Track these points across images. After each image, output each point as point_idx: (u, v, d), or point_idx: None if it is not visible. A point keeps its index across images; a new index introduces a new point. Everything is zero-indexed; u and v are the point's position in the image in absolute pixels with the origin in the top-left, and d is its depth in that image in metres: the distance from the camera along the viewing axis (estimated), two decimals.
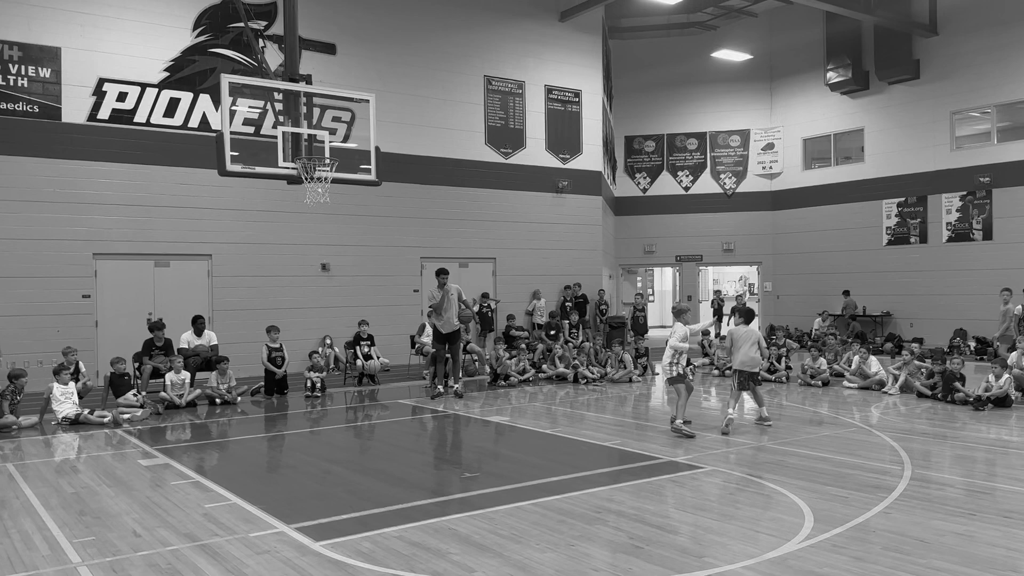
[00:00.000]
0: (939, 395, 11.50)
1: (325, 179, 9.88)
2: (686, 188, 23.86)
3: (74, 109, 13.56)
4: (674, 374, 9.48)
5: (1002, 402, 10.79)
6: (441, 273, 13.05)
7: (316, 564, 5.07)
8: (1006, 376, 10.87)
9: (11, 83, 13.04)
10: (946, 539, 5.38)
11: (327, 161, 9.93)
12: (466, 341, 15.56)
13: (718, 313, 22.53)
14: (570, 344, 16.19)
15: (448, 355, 13.11)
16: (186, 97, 14.45)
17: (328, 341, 15.21)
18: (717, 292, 24.44)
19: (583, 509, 6.23)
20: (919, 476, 7.14)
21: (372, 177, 10.86)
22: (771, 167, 23.51)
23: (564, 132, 19.30)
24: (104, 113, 13.79)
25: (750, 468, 7.54)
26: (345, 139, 15.58)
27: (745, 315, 10.36)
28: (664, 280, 29.66)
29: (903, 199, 20.48)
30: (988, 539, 5.38)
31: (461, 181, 17.62)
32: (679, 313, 9.89)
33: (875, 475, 7.20)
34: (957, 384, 11.25)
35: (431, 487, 7.29)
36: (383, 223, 16.54)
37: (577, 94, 19.52)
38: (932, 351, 13.29)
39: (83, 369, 11.92)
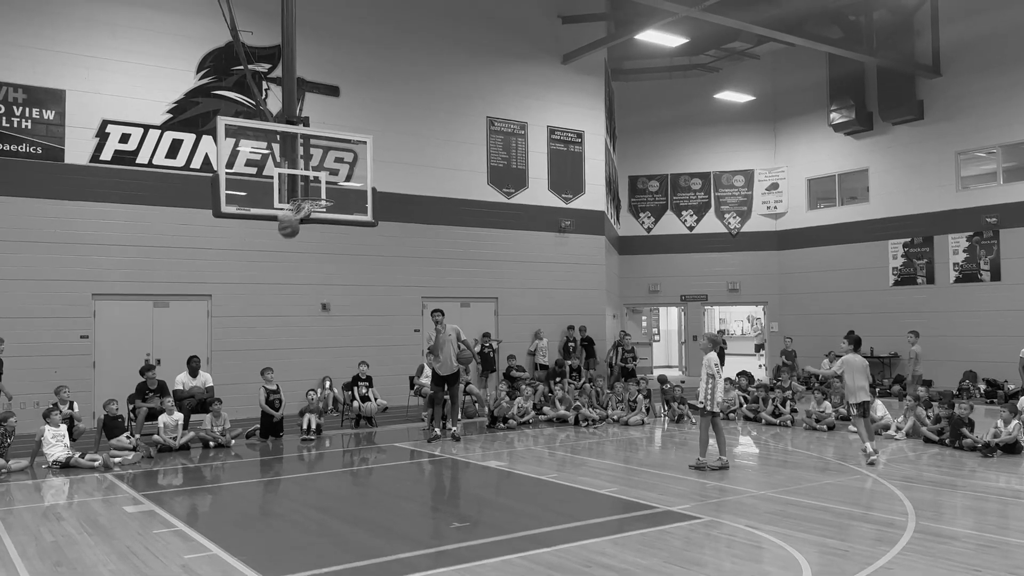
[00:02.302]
0: (947, 440, 11.22)
1: (315, 216, 9.81)
2: (690, 228, 23.78)
3: (77, 150, 13.63)
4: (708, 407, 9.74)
5: (1012, 448, 10.50)
6: (436, 313, 12.88)
7: None
8: (1015, 422, 10.58)
9: (15, 125, 13.13)
10: None
11: (323, 202, 9.86)
12: (465, 382, 15.39)
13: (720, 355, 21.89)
14: (572, 385, 15.97)
15: (447, 397, 12.90)
16: (189, 138, 14.52)
17: (328, 383, 15.06)
18: (721, 332, 24.11)
19: (573, 563, 6.01)
20: (924, 528, 6.88)
21: (368, 218, 10.79)
22: (776, 207, 23.42)
23: (567, 172, 19.30)
24: (107, 154, 13.86)
25: (749, 518, 7.30)
26: (348, 178, 15.62)
27: (855, 343, 10.49)
28: (670, 320, 29.42)
29: (909, 239, 20.31)
30: None
31: (463, 221, 17.59)
32: (714, 343, 10.01)
33: (878, 527, 6.95)
34: (964, 430, 10.98)
35: (419, 538, 7.08)
36: (385, 263, 16.49)
37: (579, 135, 19.55)
38: (940, 394, 13.03)
39: (76, 410, 11.81)
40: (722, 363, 10.07)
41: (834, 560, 5.98)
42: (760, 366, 22.01)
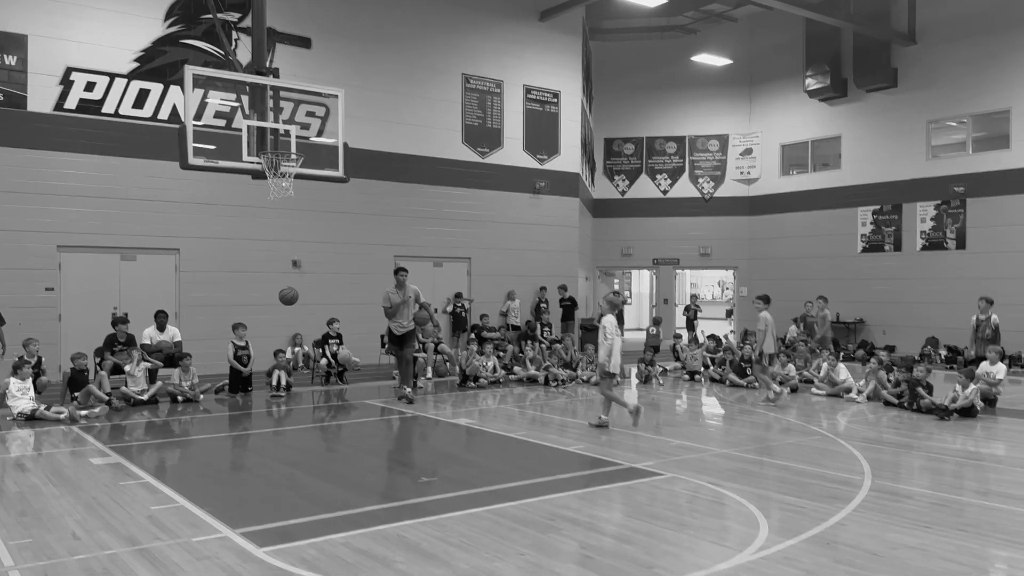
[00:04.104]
0: (905, 403, 11.50)
1: (289, 175, 9.70)
2: (664, 191, 23.85)
3: (40, 98, 13.31)
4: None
5: (968, 412, 10.79)
6: (399, 272, 12.52)
7: (256, 572, 4.93)
8: (972, 387, 10.87)
9: None
10: (899, 552, 5.32)
11: (293, 156, 9.76)
12: (437, 341, 15.44)
13: (691, 322, 21.91)
14: (542, 346, 16.08)
15: (403, 357, 12.52)
16: (156, 88, 14.23)
17: (298, 340, 15.03)
18: (694, 297, 24.31)
19: (537, 517, 6.13)
20: (879, 487, 7.09)
21: (340, 173, 10.70)
22: (749, 172, 23.54)
23: (542, 133, 19.21)
24: (71, 103, 13.55)
25: (711, 476, 7.47)
26: (319, 134, 15.42)
27: (767, 300, 12.35)
28: (641, 283, 29.66)
29: (878, 207, 20.56)
30: (942, 552, 5.32)
31: (437, 179, 17.49)
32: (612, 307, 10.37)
33: (835, 485, 7.14)
34: (920, 390, 11.26)
35: (386, 492, 7.16)
36: (356, 220, 16.38)
37: (556, 95, 19.43)
38: (902, 359, 13.32)
39: (41, 362, 11.70)
40: (621, 325, 10.49)
41: (791, 516, 6.15)
42: (730, 332, 22.24)
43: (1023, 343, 16.82)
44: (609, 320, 10.02)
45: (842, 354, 17.32)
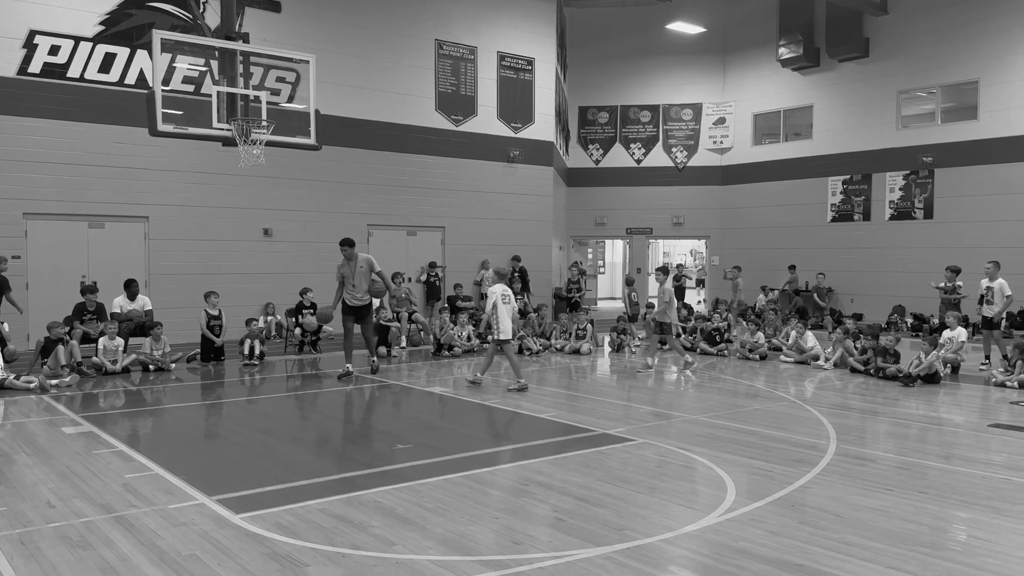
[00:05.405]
0: (871, 371, 11.77)
1: (260, 142, 9.61)
2: (638, 160, 23.91)
3: (3, 62, 13.02)
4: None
5: (931, 379, 11.07)
6: (344, 244, 11.63)
7: (233, 537, 4.99)
8: (934, 353, 11.14)
9: None
10: (861, 514, 5.50)
11: (264, 123, 9.66)
12: (411, 311, 15.46)
13: (680, 292, 20.44)
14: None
15: (360, 331, 11.89)
16: (123, 52, 13.95)
17: (271, 309, 14.98)
18: (679, 266, 23.02)
19: (511, 482, 6.24)
20: (844, 451, 7.29)
21: (311, 141, 10.62)
22: (722, 142, 23.66)
23: (516, 100, 19.13)
24: (35, 67, 13.26)
25: (680, 441, 7.63)
26: (290, 100, 15.23)
27: (666, 272, 12.90)
28: (615, 252, 29.81)
29: (848, 177, 20.80)
30: (902, 514, 5.51)
31: (410, 147, 17.39)
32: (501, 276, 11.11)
33: (801, 449, 7.33)
34: (877, 360, 11.55)
35: (362, 459, 7.23)
36: (329, 188, 16.28)
37: (530, 62, 19.33)
38: (869, 326, 13.59)
39: (7, 330, 11.57)
40: (527, 292, 11.11)
41: (758, 480, 6.32)
42: (700, 301, 22.48)
43: None
44: (493, 290, 10.60)
45: (810, 322, 17.61)
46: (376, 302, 13.30)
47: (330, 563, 4.58)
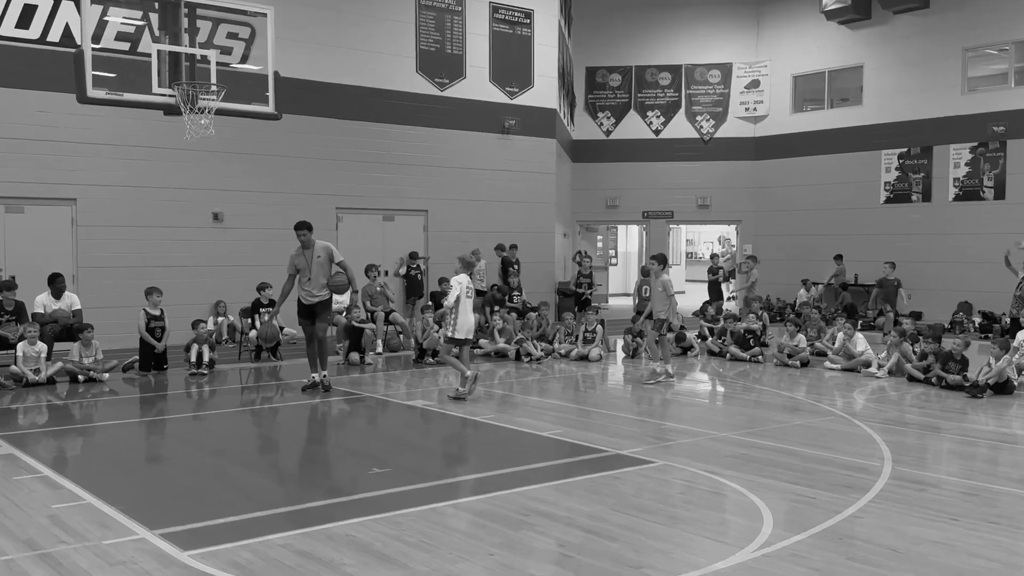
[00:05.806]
0: (932, 379, 11.82)
1: (208, 110, 9.62)
2: (656, 131, 23.94)
3: None
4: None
5: (1003, 388, 11.13)
6: (301, 228, 11.32)
7: None
8: (1006, 358, 11.19)
9: None
10: (921, 548, 5.54)
11: (213, 87, 9.67)
12: (388, 310, 15.48)
13: (716, 288, 21.55)
14: (512, 315, 16.18)
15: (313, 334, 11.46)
16: (44, 4, 13.93)
17: (222, 308, 14.99)
18: (713, 257, 23.53)
19: (508, 511, 6.27)
20: (899, 474, 7.33)
21: (270, 109, 10.65)
22: (755, 108, 23.70)
23: (512, 60, 19.14)
24: None
25: (707, 463, 7.67)
26: (244, 60, 15.26)
27: (663, 262, 12.76)
28: (629, 240, 29.84)
29: (905, 150, 20.85)
30: (968, 548, 5.55)
31: (386, 116, 17.40)
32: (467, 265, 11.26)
33: (850, 472, 7.38)
34: (939, 367, 11.59)
35: (331, 485, 7.26)
36: (290, 165, 16.29)
37: (528, 14, 19.34)
38: (930, 327, 13.63)
39: None
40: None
41: (799, 508, 6.36)
42: (731, 297, 22.54)
43: None
44: (458, 280, 10.81)
45: (860, 322, 17.66)
46: (342, 299, 13.27)
47: None
